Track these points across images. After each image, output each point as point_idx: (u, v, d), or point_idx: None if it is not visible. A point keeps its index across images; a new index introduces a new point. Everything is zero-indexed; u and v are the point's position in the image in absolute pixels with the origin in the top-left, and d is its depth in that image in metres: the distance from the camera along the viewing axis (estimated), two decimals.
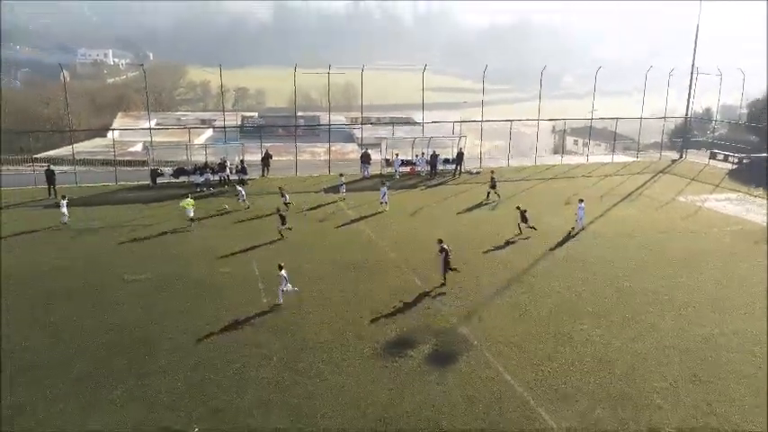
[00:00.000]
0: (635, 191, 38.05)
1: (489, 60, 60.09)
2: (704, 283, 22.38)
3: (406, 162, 42.26)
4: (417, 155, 42.79)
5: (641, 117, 48.82)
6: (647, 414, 14.19)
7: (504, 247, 26.15)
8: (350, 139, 64.87)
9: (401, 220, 30.30)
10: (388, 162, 42.21)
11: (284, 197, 31.31)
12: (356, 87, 49.21)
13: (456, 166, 42.18)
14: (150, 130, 44.93)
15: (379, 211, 31.40)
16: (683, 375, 15.86)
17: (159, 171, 38.07)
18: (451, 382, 15.43)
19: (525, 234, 27.33)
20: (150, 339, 17.39)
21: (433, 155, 41.80)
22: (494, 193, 34.48)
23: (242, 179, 37.85)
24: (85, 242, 26.31)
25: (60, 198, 29.58)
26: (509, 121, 45.97)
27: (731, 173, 44.66)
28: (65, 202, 28.89)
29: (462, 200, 34.77)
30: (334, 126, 50.85)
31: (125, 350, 16.76)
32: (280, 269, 19.40)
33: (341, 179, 35.15)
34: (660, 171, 45.05)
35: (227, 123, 52.33)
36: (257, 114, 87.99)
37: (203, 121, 77.42)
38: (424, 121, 47.86)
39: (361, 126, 53.21)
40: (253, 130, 61.03)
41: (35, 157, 43.22)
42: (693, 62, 49.33)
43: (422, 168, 42.14)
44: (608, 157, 51.44)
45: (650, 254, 25.56)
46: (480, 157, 45.98)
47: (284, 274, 19.31)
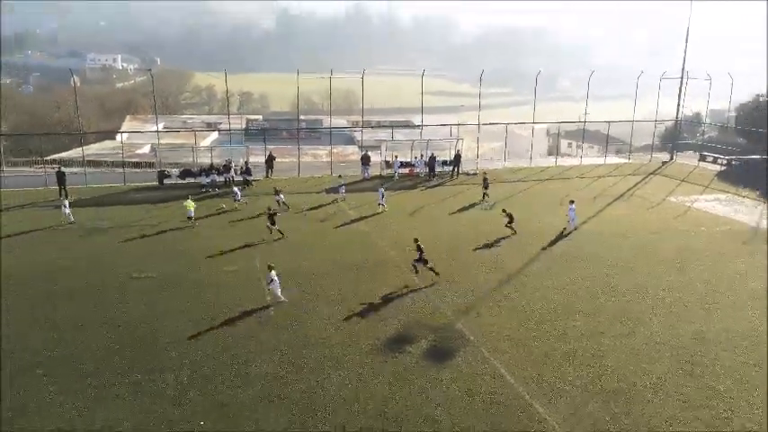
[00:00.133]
0: (627, 192, 38.07)
1: (487, 64, 60.22)
2: (693, 281, 22.38)
3: (406, 164, 42.29)
4: (416, 157, 42.81)
5: (633, 120, 48.83)
6: (638, 407, 14.20)
7: (500, 246, 26.14)
8: (351, 141, 64.87)
9: (400, 220, 30.30)
10: (387, 164, 42.24)
11: (278, 196, 31.37)
12: (356, 92, 49.18)
13: (453, 168, 42.21)
14: (157, 132, 44.88)
15: (379, 212, 31.42)
16: (672, 370, 15.88)
17: (166, 172, 38.10)
18: (449, 377, 15.43)
19: (511, 233, 27.28)
20: (155, 336, 17.37)
21: (432, 157, 41.81)
22: (485, 193, 34.57)
23: (247, 180, 37.96)
24: (95, 241, 26.30)
25: (64, 198, 29.54)
26: (505, 124, 46.06)
27: (720, 174, 44.66)
28: (67, 202, 28.86)
29: (459, 200, 34.78)
30: (335, 129, 50.91)
31: (130, 346, 16.75)
32: (269, 270, 19.33)
33: (340, 181, 35.20)
34: (651, 172, 45.06)
35: (232, 126, 52.31)
36: (261, 118, 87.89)
37: (209, 125, 77.20)
38: (422, 124, 47.89)
39: (361, 129, 53.25)
40: (257, 133, 60.87)
41: (46, 158, 43.23)
42: (683, 67, 49.36)
43: (420, 170, 42.15)
44: (601, 159, 51.45)
45: (641, 253, 25.56)
46: (477, 158, 46.02)
47: (274, 274, 19.20)
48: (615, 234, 28.23)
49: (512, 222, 27.33)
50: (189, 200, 29.06)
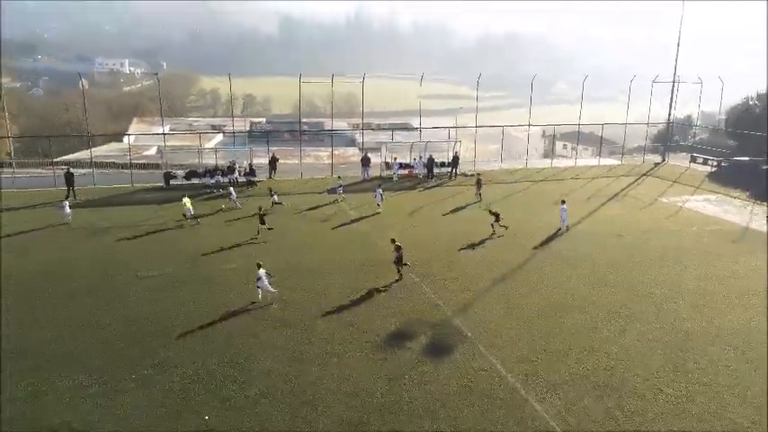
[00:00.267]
0: (620, 192, 38.08)
1: (485, 68, 60.20)
2: (685, 279, 22.39)
3: (405, 165, 42.30)
4: (415, 158, 42.82)
5: (626, 123, 48.81)
6: (631, 402, 14.21)
7: (496, 245, 26.13)
8: (351, 143, 64.91)
9: (400, 220, 30.29)
10: (387, 165, 42.24)
11: (273, 197, 31.42)
12: (357, 95, 49.20)
13: (451, 169, 42.22)
14: (164, 135, 44.85)
15: (377, 212, 31.40)
16: (664, 366, 15.89)
17: (172, 173, 38.12)
18: (447, 372, 15.45)
19: (498, 232, 27.21)
20: (161, 332, 17.38)
21: (430, 158, 41.82)
22: (478, 192, 34.56)
23: (251, 181, 38.06)
24: (101, 240, 26.28)
25: (63, 198, 29.49)
26: (501, 127, 46.05)
27: (710, 175, 44.68)
28: (67, 203, 28.84)
29: (457, 200, 34.77)
30: (336, 131, 50.89)
31: (138, 342, 16.77)
32: (258, 267, 19.29)
33: (339, 182, 35.35)
34: (644, 174, 45.06)
35: (236, 129, 52.40)
36: (264, 120, 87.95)
37: (213, 127, 77.28)
38: (421, 127, 47.92)
39: (362, 131, 53.20)
40: (260, 135, 60.99)
41: (55, 160, 43.20)
42: (675, 71, 49.38)
43: (419, 171, 42.16)
44: (595, 161, 51.45)
45: (634, 251, 25.57)
46: (474, 160, 46.00)
47: (262, 272, 19.16)
48: (609, 233, 28.24)
49: (498, 221, 27.16)
50: (186, 198, 29.13)
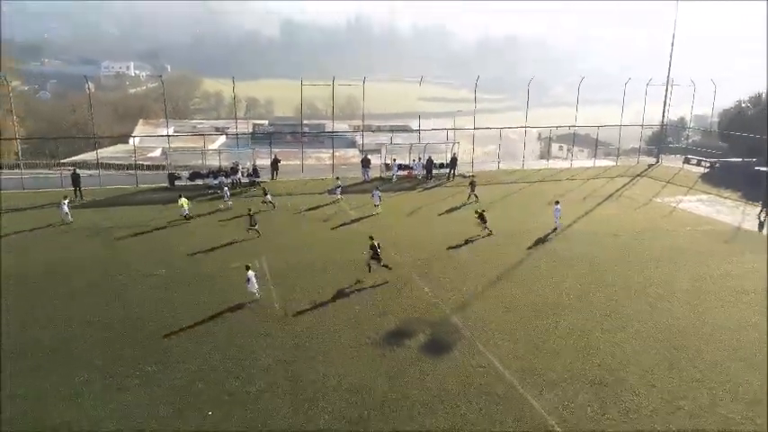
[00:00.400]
0: (615, 193, 38.06)
1: (485, 70, 60.21)
2: (678, 278, 22.38)
3: (404, 166, 42.27)
4: (414, 159, 42.77)
5: (621, 125, 48.79)
6: (626, 398, 14.22)
7: (494, 245, 26.10)
8: (352, 145, 64.81)
9: (399, 220, 30.29)
10: (387, 166, 42.18)
11: (266, 196, 31.42)
12: (358, 98, 49.21)
13: (450, 170, 42.20)
14: (168, 136, 44.72)
15: (377, 212, 31.38)
16: (659, 363, 15.89)
17: (177, 174, 38.10)
18: (446, 369, 15.45)
19: (485, 233, 27.08)
20: (162, 330, 17.36)
21: (429, 159, 41.78)
22: (472, 193, 34.54)
23: (253, 181, 38.06)
24: (103, 240, 26.26)
25: (62, 198, 29.39)
26: (499, 129, 46.02)
27: (703, 176, 44.67)
28: (66, 202, 28.78)
29: (455, 201, 34.70)
30: (337, 133, 50.86)
31: (139, 341, 16.77)
32: (247, 269, 19.34)
33: (337, 182, 35.40)
34: (638, 174, 45.04)
35: (239, 130, 52.33)
36: (267, 122, 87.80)
37: (217, 129, 77.10)
38: (420, 129, 47.90)
39: (362, 133, 53.13)
40: (263, 137, 60.82)
41: (62, 161, 43.18)
42: (669, 74, 49.34)
43: (418, 172, 42.11)
44: (590, 162, 51.39)
45: (629, 251, 25.57)
46: (472, 161, 45.98)
47: (251, 274, 19.24)
48: (604, 233, 28.23)
49: (485, 222, 27.04)
50: (183, 199, 29.06)
